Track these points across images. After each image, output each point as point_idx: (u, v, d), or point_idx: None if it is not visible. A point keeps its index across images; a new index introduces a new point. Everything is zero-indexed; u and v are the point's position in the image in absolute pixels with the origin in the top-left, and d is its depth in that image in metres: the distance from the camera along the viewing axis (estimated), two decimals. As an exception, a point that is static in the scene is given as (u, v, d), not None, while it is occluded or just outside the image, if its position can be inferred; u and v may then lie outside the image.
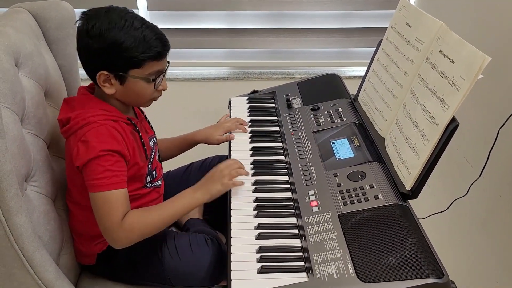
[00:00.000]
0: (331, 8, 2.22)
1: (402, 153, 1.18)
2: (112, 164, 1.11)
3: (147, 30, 1.12)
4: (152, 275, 1.28)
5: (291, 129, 1.50)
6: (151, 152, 1.29)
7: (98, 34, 1.09)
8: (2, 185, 0.95)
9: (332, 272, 0.97)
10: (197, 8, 2.18)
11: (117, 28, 1.09)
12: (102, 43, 1.09)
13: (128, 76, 1.14)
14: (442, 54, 1.12)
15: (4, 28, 1.18)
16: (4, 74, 1.05)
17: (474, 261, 1.78)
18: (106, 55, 1.11)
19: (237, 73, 2.32)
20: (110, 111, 1.17)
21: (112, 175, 1.10)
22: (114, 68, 1.13)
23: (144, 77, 1.15)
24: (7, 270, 1.05)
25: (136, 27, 1.11)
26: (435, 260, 0.96)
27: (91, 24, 1.10)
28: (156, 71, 1.17)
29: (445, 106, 1.05)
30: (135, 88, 1.17)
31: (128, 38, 1.10)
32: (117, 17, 1.10)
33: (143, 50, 1.11)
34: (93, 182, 1.10)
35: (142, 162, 1.23)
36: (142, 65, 1.13)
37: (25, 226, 1.02)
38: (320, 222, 1.11)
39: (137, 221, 1.13)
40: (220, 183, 1.22)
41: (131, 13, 1.13)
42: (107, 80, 1.14)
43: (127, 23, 1.10)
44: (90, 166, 1.10)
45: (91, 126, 1.11)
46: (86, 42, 1.11)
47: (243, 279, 1.00)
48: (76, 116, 1.13)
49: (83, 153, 1.10)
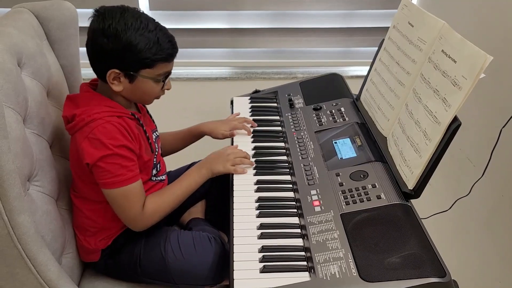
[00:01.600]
0: (333, 7, 2.22)
1: (405, 152, 1.18)
2: (124, 159, 1.14)
3: (160, 33, 1.16)
4: (155, 273, 1.28)
5: (293, 129, 1.50)
6: (155, 145, 1.31)
7: (114, 34, 1.11)
8: (5, 184, 0.96)
9: (335, 271, 0.98)
10: (198, 8, 2.18)
11: (133, 29, 1.12)
12: (117, 44, 1.11)
13: (139, 76, 1.17)
14: (444, 54, 1.12)
15: (6, 29, 1.18)
16: (7, 74, 1.06)
17: (476, 261, 1.78)
18: (120, 55, 1.13)
19: (239, 73, 2.32)
20: (115, 107, 1.19)
21: (127, 171, 1.15)
22: (126, 67, 1.15)
23: (154, 77, 1.19)
24: (10, 269, 1.05)
25: (150, 29, 1.14)
26: (437, 259, 0.96)
27: (107, 23, 1.11)
28: (165, 72, 1.21)
29: (447, 105, 1.05)
30: (143, 87, 1.19)
31: (143, 39, 1.12)
32: (133, 18, 1.12)
33: (156, 52, 1.14)
34: (109, 180, 1.14)
35: (148, 156, 1.26)
36: (154, 66, 1.17)
37: (27, 226, 1.02)
38: (322, 221, 1.11)
39: (156, 206, 1.23)
40: (222, 166, 1.31)
41: (144, 15, 1.16)
42: (116, 78, 1.16)
43: (142, 24, 1.13)
44: (102, 164, 1.13)
45: (97, 122, 1.13)
46: (100, 41, 1.12)
47: (246, 278, 1.00)
48: (82, 113, 1.15)
49: (94, 151, 1.12)
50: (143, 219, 1.21)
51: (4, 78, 1.04)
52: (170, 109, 1.66)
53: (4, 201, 0.97)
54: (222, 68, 2.35)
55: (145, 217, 1.21)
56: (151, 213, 1.21)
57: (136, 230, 1.24)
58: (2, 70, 1.05)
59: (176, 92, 1.29)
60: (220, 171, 1.31)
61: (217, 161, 1.31)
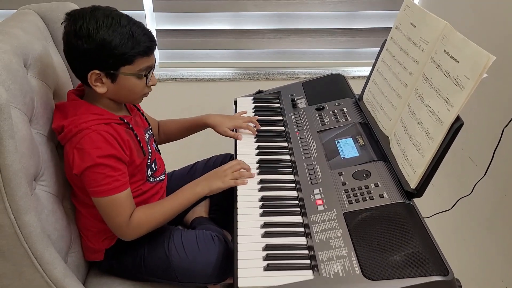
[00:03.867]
0: (335, 8, 2.23)
1: (407, 152, 1.19)
2: (110, 169, 1.14)
3: (134, 27, 1.14)
4: (159, 271, 1.29)
5: (296, 129, 1.51)
6: (147, 146, 1.30)
7: (87, 34, 1.10)
8: (11, 184, 0.97)
9: (338, 270, 0.98)
10: (202, 10, 2.19)
11: (105, 27, 1.10)
12: (91, 43, 1.10)
13: (120, 74, 1.15)
14: (446, 54, 1.12)
15: (12, 30, 1.19)
16: (13, 75, 1.07)
17: (479, 260, 1.78)
18: (97, 54, 1.12)
19: (242, 74, 2.33)
20: (102, 114, 1.18)
21: (113, 180, 1.14)
22: (105, 66, 1.13)
23: (136, 73, 1.17)
24: (16, 268, 1.07)
25: (123, 24, 1.12)
26: (440, 258, 0.97)
27: (78, 24, 1.10)
28: (146, 66, 1.18)
29: (449, 105, 1.06)
30: (126, 85, 1.18)
31: (117, 35, 1.11)
32: (103, 16, 1.11)
33: (133, 46, 1.13)
34: (95, 189, 1.14)
35: (140, 159, 1.25)
36: (133, 62, 1.15)
37: (34, 225, 1.03)
38: (326, 220, 1.11)
39: (143, 218, 1.20)
40: (221, 181, 1.27)
41: (115, 11, 1.15)
42: (98, 79, 1.15)
43: (114, 21, 1.11)
44: (88, 174, 1.13)
45: (84, 133, 1.13)
46: (74, 43, 1.11)
47: (250, 276, 1.01)
48: (69, 123, 1.15)
49: (80, 161, 1.12)
50: (128, 229, 1.19)
51: (10, 79, 1.05)
52: (174, 109, 1.67)
53: (11, 201, 0.98)
54: (225, 69, 2.36)
55: (131, 227, 1.19)
56: (137, 224, 1.19)
57: (123, 239, 1.23)
58: (9, 71, 1.06)
59: (180, 92, 1.30)
60: (220, 187, 1.27)
61: (215, 178, 1.28)
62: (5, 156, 0.95)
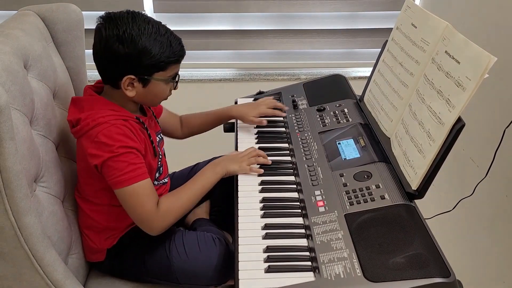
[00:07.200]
0: (336, 9, 2.23)
1: (408, 153, 1.19)
2: (131, 158, 1.15)
3: (171, 36, 1.19)
4: (159, 272, 1.29)
5: (297, 130, 1.50)
6: (158, 148, 1.32)
7: (130, 39, 1.12)
8: (12, 185, 0.97)
9: (339, 271, 0.98)
10: (203, 10, 2.19)
11: (147, 34, 1.14)
12: (133, 48, 1.13)
13: (152, 79, 1.18)
14: (447, 55, 1.12)
15: (13, 31, 1.20)
16: (13, 76, 1.07)
17: (480, 261, 1.78)
18: (136, 60, 1.14)
19: (243, 74, 2.33)
20: (119, 111, 1.20)
21: (136, 168, 1.15)
22: (140, 71, 1.16)
23: (166, 79, 1.21)
24: (16, 270, 1.06)
25: (162, 33, 1.16)
26: (441, 259, 0.96)
27: (121, 29, 1.12)
28: (175, 73, 1.23)
29: (451, 106, 1.06)
30: (155, 90, 1.21)
31: (157, 44, 1.15)
32: (144, 23, 1.15)
33: (169, 55, 1.17)
34: (118, 179, 1.14)
35: (152, 159, 1.27)
36: (167, 68, 1.19)
37: (34, 227, 1.03)
38: (327, 222, 1.11)
39: (171, 205, 1.20)
40: (238, 165, 1.31)
41: (153, 19, 1.18)
42: (130, 83, 1.17)
43: (154, 29, 1.15)
44: (111, 164, 1.13)
45: (103, 126, 1.14)
46: (115, 47, 1.13)
47: (251, 278, 1.01)
48: (86, 117, 1.16)
49: (100, 153, 1.13)
50: (157, 218, 1.17)
51: (11, 80, 1.05)
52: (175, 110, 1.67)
53: (11, 202, 0.98)
54: (226, 70, 2.36)
55: (160, 216, 1.17)
56: (165, 212, 1.18)
57: (152, 232, 1.20)
58: (9, 72, 1.06)
59: (180, 93, 1.30)
60: (235, 170, 1.31)
61: (233, 161, 1.32)
62: (5, 158, 0.95)
